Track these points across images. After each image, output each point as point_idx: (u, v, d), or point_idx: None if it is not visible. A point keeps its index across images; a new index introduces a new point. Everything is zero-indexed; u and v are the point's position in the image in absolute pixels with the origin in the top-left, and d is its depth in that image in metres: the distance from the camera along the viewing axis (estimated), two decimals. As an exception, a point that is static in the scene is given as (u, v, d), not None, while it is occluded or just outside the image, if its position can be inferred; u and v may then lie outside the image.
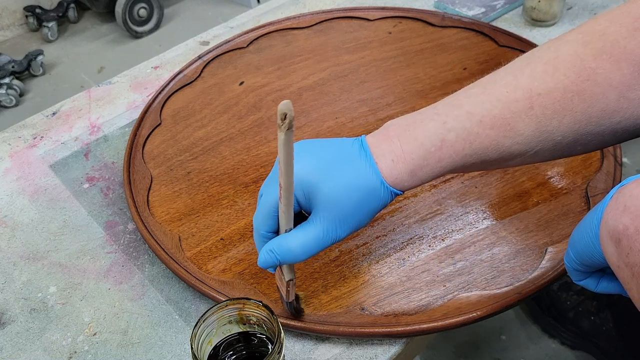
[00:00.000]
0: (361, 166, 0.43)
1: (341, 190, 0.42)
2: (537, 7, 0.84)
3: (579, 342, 1.01)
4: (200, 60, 0.82)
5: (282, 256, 0.43)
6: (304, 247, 0.42)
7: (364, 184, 0.42)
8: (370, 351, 0.49)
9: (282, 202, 0.40)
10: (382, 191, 0.43)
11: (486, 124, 0.42)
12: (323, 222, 0.42)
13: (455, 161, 0.43)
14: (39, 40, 2.26)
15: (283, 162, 0.37)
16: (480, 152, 0.43)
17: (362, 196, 0.42)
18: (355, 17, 0.87)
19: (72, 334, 0.53)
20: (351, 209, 0.42)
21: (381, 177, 0.43)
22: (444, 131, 0.43)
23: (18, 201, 0.66)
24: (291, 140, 0.36)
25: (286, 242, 0.42)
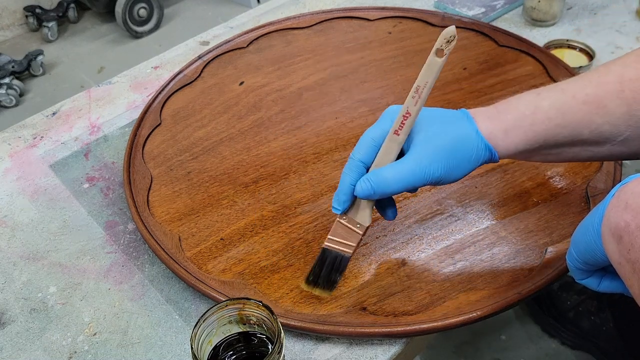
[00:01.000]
0: (457, 116, 0.46)
1: (437, 131, 0.45)
2: (537, 7, 0.84)
3: (579, 342, 1.01)
4: (200, 60, 0.82)
5: (377, 184, 0.45)
6: (398, 177, 0.44)
7: (459, 129, 0.45)
8: (370, 351, 0.49)
9: (403, 131, 0.44)
10: (476, 140, 0.45)
11: (579, 99, 0.45)
12: (417, 156, 0.45)
13: (548, 129, 0.45)
14: (39, 40, 2.26)
15: (428, 87, 0.43)
16: (574, 126, 0.45)
17: (457, 138, 0.45)
18: (355, 17, 0.87)
19: (72, 334, 0.53)
20: (445, 147, 0.45)
21: (476, 126, 0.45)
22: (538, 99, 0.46)
23: (18, 201, 0.66)
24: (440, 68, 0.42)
25: (381, 172, 0.45)
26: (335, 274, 0.50)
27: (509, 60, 0.76)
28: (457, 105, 0.70)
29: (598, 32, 0.83)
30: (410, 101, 0.44)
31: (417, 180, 0.45)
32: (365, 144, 0.47)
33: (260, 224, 0.59)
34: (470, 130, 0.46)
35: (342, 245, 0.49)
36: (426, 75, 0.44)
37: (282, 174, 0.64)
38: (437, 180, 0.45)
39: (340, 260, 0.49)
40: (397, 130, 0.45)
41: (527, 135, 0.46)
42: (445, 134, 0.45)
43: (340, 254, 0.49)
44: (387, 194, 0.46)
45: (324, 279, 0.50)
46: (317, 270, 0.50)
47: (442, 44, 0.44)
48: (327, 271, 0.49)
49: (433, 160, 0.45)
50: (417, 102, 0.44)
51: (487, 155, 0.46)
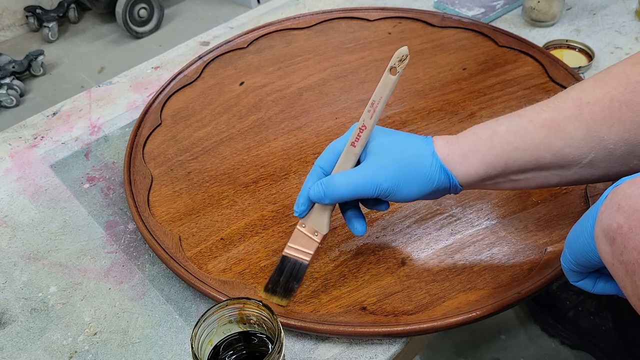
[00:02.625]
0: (417, 139, 0.48)
1: (391, 147, 0.47)
2: (537, 7, 0.84)
3: (579, 342, 1.01)
4: (201, 61, 0.82)
5: (327, 188, 0.47)
6: (347, 183, 0.46)
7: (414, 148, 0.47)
8: (370, 351, 0.49)
9: (359, 143, 0.47)
10: (430, 160, 0.46)
11: (537, 123, 0.45)
12: (367, 165, 0.47)
13: (508, 153, 0.45)
14: (40, 40, 2.26)
15: (383, 102, 0.46)
16: (533, 149, 0.45)
17: (410, 155, 0.46)
18: (355, 18, 0.87)
19: (73, 333, 0.53)
20: (396, 161, 0.46)
21: (432, 148, 0.47)
22: (496, 124, 0.47)
23: (18, 201, 0.66)
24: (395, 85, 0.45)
25: (333, 177, 0.47)
26: (292, 282, 0.50)
27: (508, 61, 0.77)
28: (456, 105, 0.71)
29: (597, 32, 0.83)
30: (366, 115, 0.47)
31: (364, 189, 0.46)
32: (328, 152, 0.49)
33: (260, 223, 0.59)
34: (426, 150, 0.47)
35: (300, 253, 0.50)
36: (381, 91, 0.46)
37: (282, 174, 0.64)
38: (386, 192, 0.46)
39: (299, 268, 0.50)
40: (353, 142, 0.47)
41: (486, 159, 0.46)
42: (398, 149, 0.47)
43: (299, 261, 0.50)
44: (337, 199, 0.47)
45: (282, 286, 0.50)
46: (275, 277, 0.50)
47: (395, 62, 0.46)
48: (286, 279, 0.50)
49: (380, 171, 0.46)
50: (372, 115, 0.46)
51: (444, 178, 0.46)
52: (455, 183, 0.47)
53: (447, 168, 0.46)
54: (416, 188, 0.47)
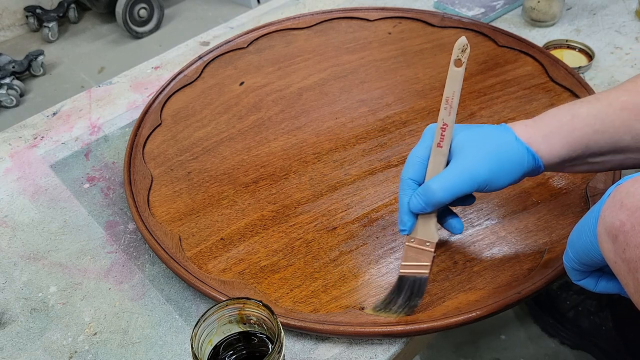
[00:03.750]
0: (495, 127, 0.48)
1: (476, 140, 0.47)
2: (537, 7, 0.84)
3: (579, 342, 1.01)
4: (201, 61, 0.82)
5: (426, 197, 0.46)
6: (445, 186, 0.45)
7: (497, 137, 0.47)
8: (370, 351, 0.49)
9: (444, 142, 0.47)
10: (517, 145, 0.46)
11: (616, 106, 0.46)
12: (460, 162, 0.46)
13: (588, 136, 0.46)
14: (40, 40, 2.26)
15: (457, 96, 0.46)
16: (613, 132, 0.45)
17: (497, 144, 0.46)
18: (355, 18, 0.87)
19: (73, 333, 0.53)
20: (487, 151, 0.46)
21: (514, 134, 0.47)
22: (575, 107, 0.47)
23: (18, 201, 0.66)
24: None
25: (429, 184, 0.46)
26: (415, 299, 0.49)
27: (508, 61, 0.77)
28: (456, 105, 0.71)
29: (597, 32, 0.83)
30: (443, 113, 0.47)
31: (464, 186, 0.46)
32: (412, 162, 0.49)
33: (260, 223, 0.59)
34: (509, 136, 0.47)
35: (417, 268, 0.49)
36: (451, 85, 0.47)
37: (282, 174, 0.64)
38: (484, 184, 0.46)
39: (419, 283, 0.49)
40: (439, 143, 0.47)
41: (568, 141, 0.46)
42: (484, 140, 0.47)
43: (418, 277, 0.49)
44: (439, 204, 0.47)
45: (403, 304, 0.49)
46: (394, 297, 0.50)
47: (458, 54, 0.46)
48: (406, 297, 0.49)
49: (476, 163, 0.46)
50: (450, 112, 0.47)
51: (530, 161, 0.47)
52: (539, 164, 0.47)
53: (533, 150, 0.46)
54: (509, 175, 0.47)
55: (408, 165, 0.49)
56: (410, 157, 0.49)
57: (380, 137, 0.68)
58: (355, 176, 0.63)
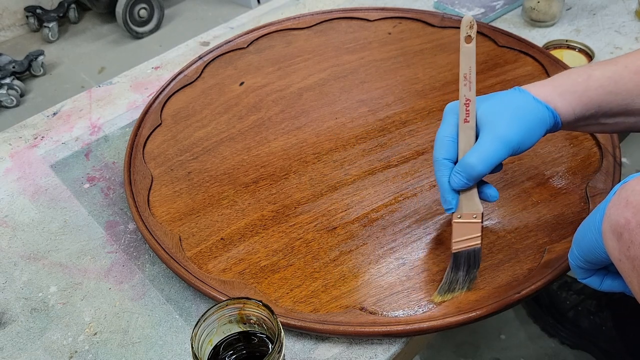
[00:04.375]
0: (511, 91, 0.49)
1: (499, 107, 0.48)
2: (537, 7, 0.84)
3: (579, 342, 1.01)
4: (201, 61, 0.82)
5: (466, 172, 0.47)
6: (483, 157, 0.46)
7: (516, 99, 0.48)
8: (370, 350, 0.49)
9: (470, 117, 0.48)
10: (536, 104, 0.48)
11: (631, 69, 0.47)
12: (491, 131, 0.47)
13: (601, 96, 0.47)
14: (40, 40, 2.26)
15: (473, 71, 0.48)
16: (625, 94, 0.47)
17: (518, 106, 0.47)
18: (355, 18, 0.87)
19: (73, 333, 0.53)
20: (513, 115, 0.47)
21: (531, 94, 0.48)
22: (590, 69, 0.48)
23: (19, 201, 0.66)
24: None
25: (465, 159, 0.47)
26: (472, 271, 0.51)
27: (508, 61, 0.77)
28: (456, 105, 0.71)
29: (597, 32, 0.83)
30: (463, 89, 0.48)
31: (499, 153, 0.47)
32: (442, 142, 0.49)
33: (260, 223, 0.59)
34: (528, 97, 0.48)
35: (468, 242, 0.50)
36: (466, 62, 0.48)
37: (282, 174, 0.64)
38: (516, 147, 0.47)
39: (474, 254, 0.50)
40: (465, 119, 0.49)
41: (582, 100, 0.48)
42: (507, 106, 0.48)
43: (471, 249, 0.50)
44: (479, 177, 0.48)
45: (463, 279, 0.51)
46: (453, 276, 0.51)
47: (467, 31, 0.48)
48: (465, 272, 0.51)
49: (506, 129, 0.47)
50: (470, 87, 0.48)
51: (550, 118, 0.48)
52: (558, 121, 0.48)
53: (550, 106, 0.48)
54: (535, 134, 0.48)
55: (438, 146, 0.50)
56: (439, 138, 0.50)
57: (380, 137, 0.68)
58: (355, 176, 0.63)
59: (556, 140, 0.65)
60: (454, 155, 0.49)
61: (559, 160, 0.63)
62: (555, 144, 0.64)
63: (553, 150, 0.64)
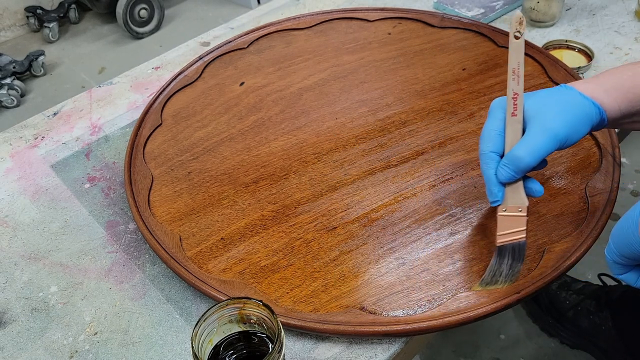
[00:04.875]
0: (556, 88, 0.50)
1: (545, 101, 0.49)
2: (536, 7, 0.84)
3: (578, 342, 1.01)
4: (201, 61, 0.82)
5: (514, 165, 0.48)
6: (530, 150, 0.47)
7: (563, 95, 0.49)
8: (370, 350, 0.49)
9: (518, 111, 0.49)
10: (582, 99, 0.49)
11: None
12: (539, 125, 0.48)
13: None
14: (40, 40, 2.26)
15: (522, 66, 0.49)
16: None
17: (565, 101, 0.49)
18: (355, 18, 0.88)
19: (73, 333, 0.53)
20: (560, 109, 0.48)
21: (576, 90, 0.49)
22: (634, 67, 0.50)
23: (19, 201, 0.66)
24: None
25: (513, 152, 0.48)
26: (517, 265, 0.51)
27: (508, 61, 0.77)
28: (456, 105, 0.71)
29: (597, 32, 0.83)
30: (512, 83, 0.49)
31: (548, 146, 0.47)
32: (489, 136, 0.50)
33: (260, 223, 0.59)
34: (574, 93, 0.49)
35: (513, 235, 0.51)
36: (515, 57, 0.50)
37: (282, 174, 0.65)
38: (564, 140, 0.48)
39: (519, 248, 0.51)
40: (513, 112, 0.49)
41: (628, 97, 0.49)
42: (554, 101, 0.49)
43: (516, 243, 0.51)
44: (527, 170, 0.48)
45: (506, 273, 0.51)
46: (496, 268, 0.51)
47: (516, 27, 0.49)
48: (509, 265, 0.51)
49: (554, 123, 0.47)
50: (518, 81, 0.49)
51: (597, 114, 0.49)
52: (604, 117, 0.49)
53: (596, 101, 0.49)
54: (581, 129, 0.48)
55: (485, 139, 0.50)
56: (486, 131, 0.50)
57: (380, 137, 0.68)
58: (355, 176, 0.63)
59: (556, 141, 0.65)
60: (500, 149, 0.50)
61: (559, 160, 0.63)
62: (554, 144, 0.65)
63: (553, 150, 0.64)
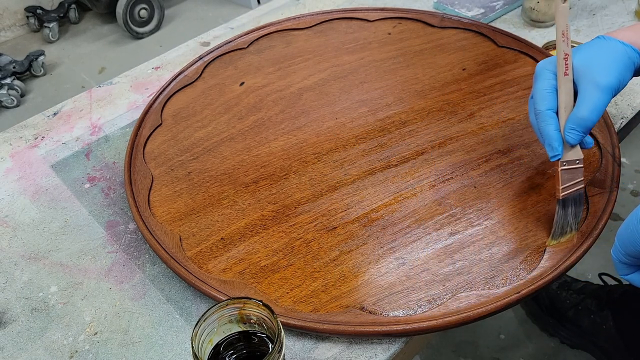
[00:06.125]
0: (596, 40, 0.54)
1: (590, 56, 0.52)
2: (536, 7, 0.84)
3: (578, 341, 1.01)
4: (201, 61, 0.82)
5: (582, 127, 0.51)
6: (592, 108, 0.51)
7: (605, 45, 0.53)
8: (370, 350, 0.49)
9: (569, 70, 0.52)
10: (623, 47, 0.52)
11: None
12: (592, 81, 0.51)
13: None
14: (40, 40, 2.26)
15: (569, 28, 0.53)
16: None
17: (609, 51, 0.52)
18: (355, 18, 0.88)
19: (73, 333, 0.53)
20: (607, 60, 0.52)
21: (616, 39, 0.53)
22: None
23: (19, 201, 0.66)
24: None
25: (578, 114, 0.51)
26: (579, 211, 0.54)
27: (508, 61, 0.77)
28: (456, 105, 0.71)
29: (597, 32, 0.83)
30: (562, 45, 0.53)
31: (605, 99, 0.51)
32: (543, 95, 0.53)
33: (260, 223, 0.59)
34: (614, 42, 0.53)
35: (573, 186, 0.54)
36: (563, 20, 0.53)
37: (282, 174, 0.65)
38: (617, 90, 0.52)
39: (579, 196, 0.54)
40: (565, 72, 0.53)
41: None
42: (599, 53, 0.52)
43: (575, 193, 0.54)
44: (592, 127, 0.52)
45: (574, 221, 0.54)
46: (563, 220, 0.54)
47: None
48: (573, 213, 0.54)
49: (606, 75, 0.51)
50: (567, 43, 0.53)
51: (637, 58, 0.53)
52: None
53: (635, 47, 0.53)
54: (627, 76, 0.52)
55: (540, 99, 0.53)
56: (539, 92, 0.53)
57: (380, 137, 0.68)
58: (355, 176, 0.63)
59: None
60: (555, 106, 0.53)
61: (559, 160, 0.63)
62: (554, 144, 0.65)
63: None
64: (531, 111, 0.56)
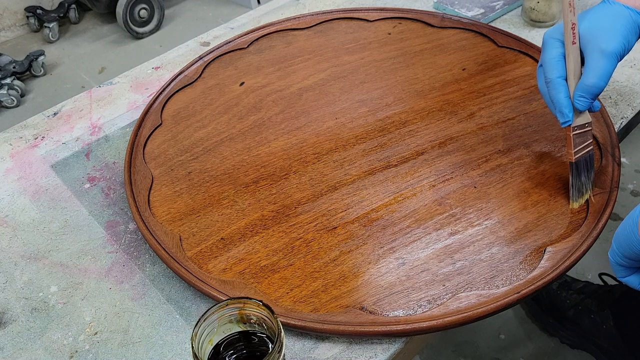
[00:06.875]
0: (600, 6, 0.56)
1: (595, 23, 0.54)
2: (536, 7, 0.84)
3: (579, 341, 1.01)
4: (201, 61, 0.82)
5: (590, 93, 0.53)
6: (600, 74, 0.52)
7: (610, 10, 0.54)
8: (370, 350, 0.49)
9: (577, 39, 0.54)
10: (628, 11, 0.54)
11: None
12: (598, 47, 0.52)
13: None
14: (40, 40, 2.26)
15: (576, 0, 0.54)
16: None
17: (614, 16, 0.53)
18: (355, 18, 0.88)
19: (73, 333, 0.53)
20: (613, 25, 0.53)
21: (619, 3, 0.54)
22: None
23: (19, 201, 0.66)
24: None
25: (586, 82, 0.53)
26: (591, 171, 0.57)
27: (508, 61, 0.77)
28: (456, 105, 0.71)
29: None
30: (569, 15, 0.54)
31: (612, 65, 0.52)
32: (553, 64, 0.55)
33: (260, 223, 0.59)
34: (618, 6, 0.54)
35: (583, 149, 0.56)
36: None
37: (282, 174, 0.65)
38: (623, 53, 0.53)
39: (590, 158, 0.57)
40: (573, 40, 0.55)
41: None
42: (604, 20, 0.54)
43: (586, 154, 0.56)
44: (600, 93, 0.54)
45: (587, 181, 0.57)
46: (578, 182, 0.57)
47: None
48: (586, 174, 0.57)
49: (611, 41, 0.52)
50: (574, 12, 0.54)
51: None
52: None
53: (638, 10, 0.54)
54: (632, 40, 0.54)
55: (550, 67, 0.55)
56: (548, 60, 0.55)
57: (380, 137, 0.68)
58: (355, 176, 0.63)
59: (556, 140, 0.65)
60: (564, 74, 0.55)
61: (559, 160, 0.63)
62: (555, 144, 0.65)
63: (553, 150, 0.64)
64: (540, 79, 0.58)
